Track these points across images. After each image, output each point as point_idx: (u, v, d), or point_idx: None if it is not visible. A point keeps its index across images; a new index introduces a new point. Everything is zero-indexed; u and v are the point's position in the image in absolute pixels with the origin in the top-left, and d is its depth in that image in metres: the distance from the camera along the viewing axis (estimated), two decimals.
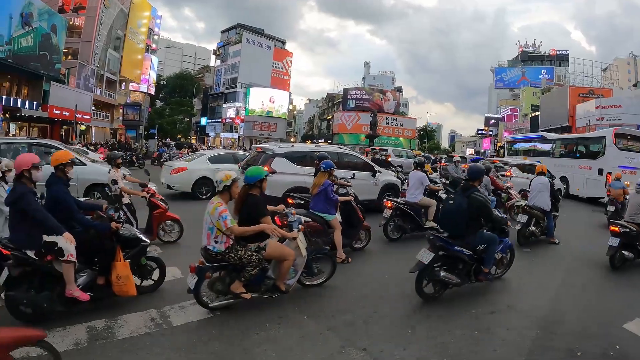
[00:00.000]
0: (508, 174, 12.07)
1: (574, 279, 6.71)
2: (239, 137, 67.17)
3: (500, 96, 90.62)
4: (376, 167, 11.25)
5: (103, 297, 4.58)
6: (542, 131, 44.71)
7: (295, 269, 5.04)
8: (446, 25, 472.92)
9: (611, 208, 11.32)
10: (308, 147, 12.11)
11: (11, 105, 28.15)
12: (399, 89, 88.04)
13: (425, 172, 9.09)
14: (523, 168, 15.43)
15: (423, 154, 19.35)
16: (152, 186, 7.60)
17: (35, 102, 30.73)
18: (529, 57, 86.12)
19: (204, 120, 78.55)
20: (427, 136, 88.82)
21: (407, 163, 22.14)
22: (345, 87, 71.66)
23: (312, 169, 9.72)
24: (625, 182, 14.55)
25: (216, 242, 4.51)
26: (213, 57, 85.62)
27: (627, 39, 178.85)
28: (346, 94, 69.24)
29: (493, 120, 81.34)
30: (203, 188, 12.43)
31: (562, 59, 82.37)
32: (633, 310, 5.35)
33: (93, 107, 41.28)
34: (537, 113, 62.68)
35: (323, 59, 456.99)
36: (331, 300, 5.17)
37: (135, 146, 32.80)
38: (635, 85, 62.80)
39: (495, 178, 10.88)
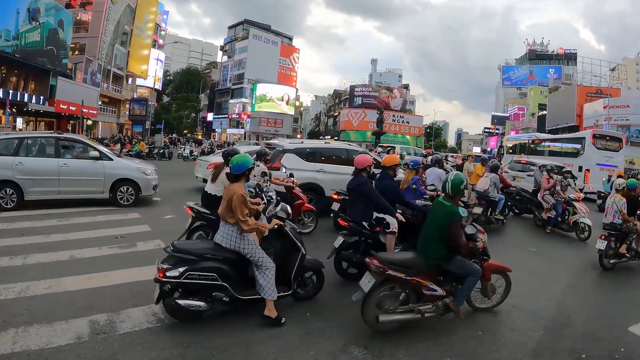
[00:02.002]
0: (577, 195, 10.57)
1: (580, 279, 6.67)
2: (245, 132, 67.18)
3: (508, 95, 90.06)
4: None
5: None
6: (548, 130, 44.52)
7: None
8: (454, 22, 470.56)
9: None
10: (317, 143, 12.05)
11: (18, 99, 28.23)
12: (406, 87, 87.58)
13: (444, 169, 9.39)
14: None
15: (480, 154, 19.41)
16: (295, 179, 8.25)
17: (42, 97, 30.78)
18: (537, 56, 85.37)
19: (210, 116, 78.88)
20: (433, 134, 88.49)
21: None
22: (352, 84, 71.51)
23: (321, 165, 9.68)
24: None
25: (618, 218, 7.26)
26: (220, 52, 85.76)
27: (638, 38, 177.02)
28: (353, 91, 69.08)
29: (498, 120, 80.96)
30: None
31: (570, 57, 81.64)
32: (639, 312, 5.34)
33: (100, 102, 41.42)
34: (545, 112, 62.38)
35: (330, 55, 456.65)
36: (334, 298, 5.13)
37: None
38: None
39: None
